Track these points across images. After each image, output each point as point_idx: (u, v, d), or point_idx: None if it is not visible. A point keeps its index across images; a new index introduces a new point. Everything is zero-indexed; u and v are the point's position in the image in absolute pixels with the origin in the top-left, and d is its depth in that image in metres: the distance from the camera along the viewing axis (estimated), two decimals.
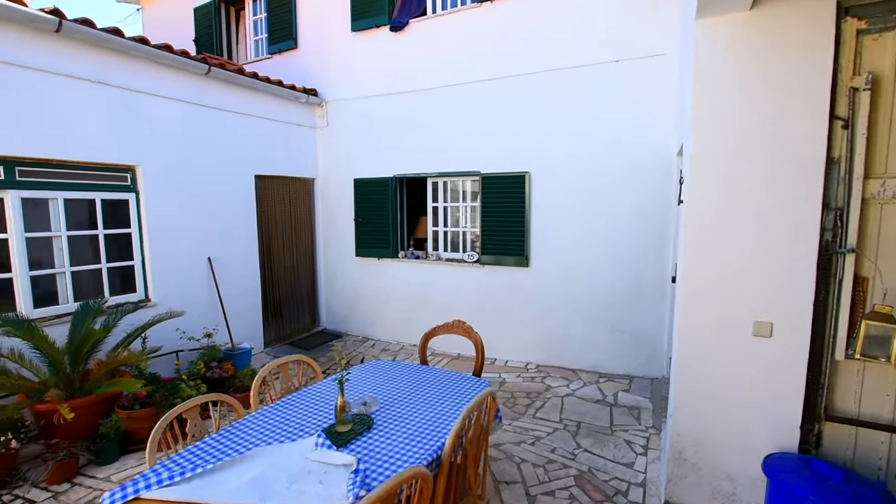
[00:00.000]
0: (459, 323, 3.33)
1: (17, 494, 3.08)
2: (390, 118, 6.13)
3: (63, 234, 4.09)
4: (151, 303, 4.69)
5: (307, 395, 2.63)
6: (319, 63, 6.59)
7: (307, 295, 6.88)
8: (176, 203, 4.87)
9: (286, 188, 6.38)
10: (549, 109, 5.14)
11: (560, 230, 5.21)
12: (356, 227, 6.55)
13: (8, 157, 3.69)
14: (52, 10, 3.72)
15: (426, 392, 2.68)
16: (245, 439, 2.12)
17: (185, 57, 4.71)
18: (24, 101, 3.70)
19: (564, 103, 5.06)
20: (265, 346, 6.11)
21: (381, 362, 3.25)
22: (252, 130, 5.71)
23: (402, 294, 6.31)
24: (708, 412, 2.70)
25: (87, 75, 4.05)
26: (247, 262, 5.77)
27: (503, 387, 4.85)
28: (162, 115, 4.68)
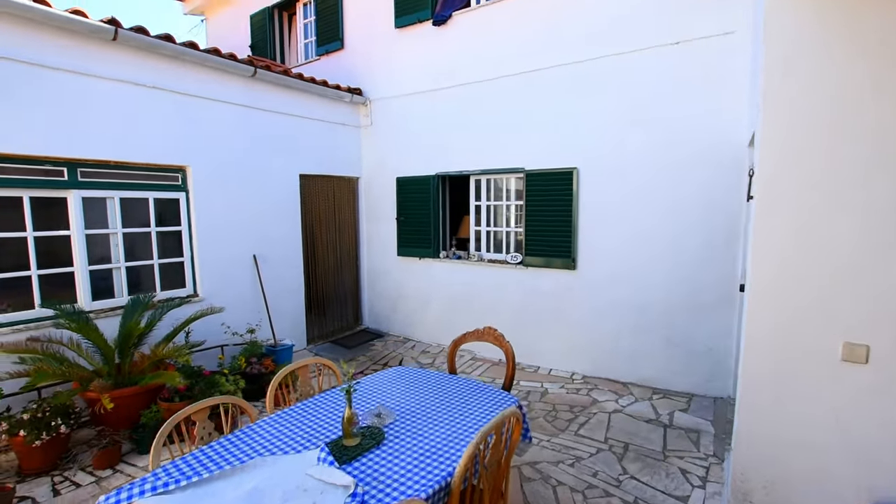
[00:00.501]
0: (490, 330, 3.09)
1: (66, 476, 3.26)
2: (432, 115, 5.98)
3: (119, 231, 4.33)
4: (199, 298, 4.86)
5: (323, 402, 2.52)
6: (364, 62, 6.59)
7: (350, 293, 6.91)
8: (223, 202, 5.02)
9: (330, 187, 6.44)
10: (600, 100, 4.74)
11: (610, 230, 4.79)
12: (398, 227, 6.47)
13: (72, 160, 3.95)
14: (110, 19, 3.92)
15: (448, 405, 2.48)
16: (251, 446, 2.04)
17: (233, 60, 4.84)
18: (86, 106, 3.93)
19: (616, 93, 4.64)
20: (308, 343, 6.19)
21: (406, 369, 3.09)
22: (297, 131, 5.80)
23: (443, 295, 6.15)
24: (781, 449, 2.27)
25: (142, 80, 4.25)
26: (291, 260, 5.87)
27: (544, 398, 4.53)
28: (211, 117, 4.84)
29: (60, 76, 3.76)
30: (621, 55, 4.58)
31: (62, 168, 3.92)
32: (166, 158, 4.54)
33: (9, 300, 3.82)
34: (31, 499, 3.02)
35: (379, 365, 5.60)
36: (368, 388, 2.73)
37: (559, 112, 4.98)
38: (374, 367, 5.54)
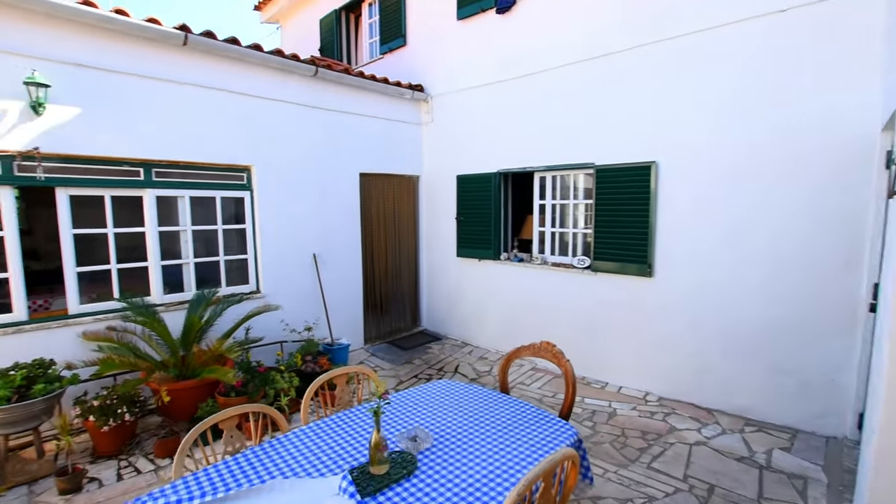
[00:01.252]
0: (547, 346, 2.73)
1: (130, 462, 3.41)
2: (495, 109, 5.66)
3: (188, 228, 4.52)
4: (261, 294, 4.97)
5: (357, 416, 2.33)
6: (426, 58, 6.43)
7: (409, 294, 6.80)
8: (285, 200, 5.10)
9: (390, 186, 6.36)
10: (684, 85, 4.13)
11: (696, 233, 4.17)
12: (457, 227, 6.24)
13: (147, 160, 4.17)
14: (181, 26, 4.08)
15: (495, 432, 2.17)
16: (274, 462, 1.89)
17: (295, 60, 4.89)
18: (159, 109, 4.13)
19: (706, 74, 4.01)
20: (365, 343, 6.16)
21: (453, 383, 2.83)
22: (358, 129, 5.77)
23: (503, 299, 5.81)
24: None
25: (210, 83, 4.40)
26: (350, 259, 5.86)
27: (613, 420, 4.04)
28: (274, 117, 4.93)
29: (136, 81, 3.98)
30: (711, 30, 3.94)
31: (139, 168, 4.15)
32: (232, 158, 4.68)
33: (93, 291, 4.12)
34: (98, 480, 3.19)
35: (434, 370, 5.40)
36: (409, 403, 2.51)
37: (635, 100, 4.44)
38: (428, 371, 5.36)
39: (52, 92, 3.54)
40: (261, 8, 9.36)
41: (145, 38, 3.95)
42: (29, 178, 3.59)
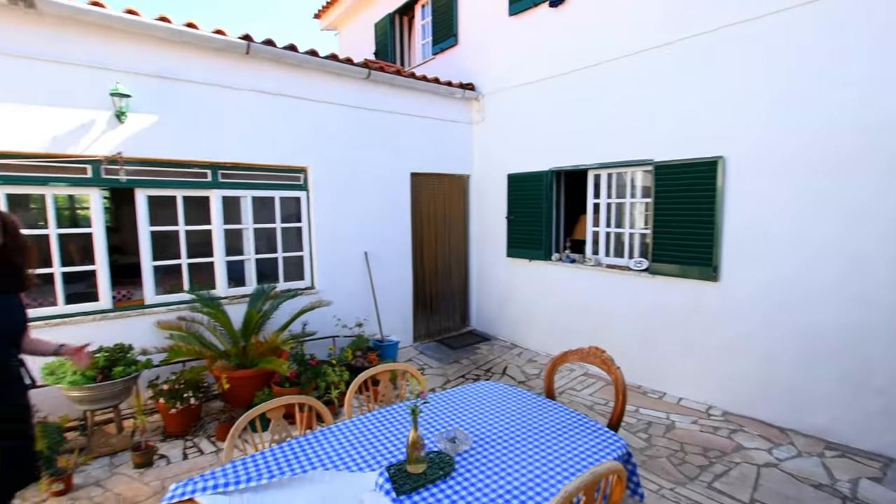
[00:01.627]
0: (597, 351, 2.59)
1: (195, 443, 3.67)
2: (547, 105, 5.51)
3: (250, 226, 4.80)
4: (315, 290, 5.17)
5: (398, 414, 2.34)
6: (477, 56, 6.39)
7: (458, 294, 6.80)
8: (339, 200, 5.27)
9: (441, 185, 6.38)
10: (754, 72, 3.78)
11: (767, 234, 3.80)
12: (508, 226, 6.14)
13: (214, 163, 4.47)
14: (244, 35, 4.33)
15: (538, 438, 2.10)
16: (316, 453, 1.94)
17: (349, 63, 5.03)
18: (224, 115, 4.42)
19: (778, 61, 3.64)
20: (414, 341, 6.23)
21: (497, 385, 2.77)
22: (409, 129, 5.85)
23: (554, 301, 5.64)
24: None
25: (269, 89, 4.64)
26: (400, 258, 5.95)
27: (670, 433, 3.79)
28: (329, 119, 5.10)
29: (204, 89, 4.27)
30: (784, 11, 3.57)
31: (206, 170, 4.46)
32: (289, 160, 4.90)
33: (166, 284, 4.48)
34: (167, 458, 3.45)
35: (482, 370, 5.35)
36: (451, 403, 2.48)
37: (700, 92, 4.12)
38: (476, 371, 5.32)
39: (133, 102, 3.89)
40: (320, 16, 9.77)
41: (212, 49, 4.24)
42: (113, 180, 3.96)
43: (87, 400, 3.43)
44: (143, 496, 3.02)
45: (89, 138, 3.78)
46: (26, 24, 3.49)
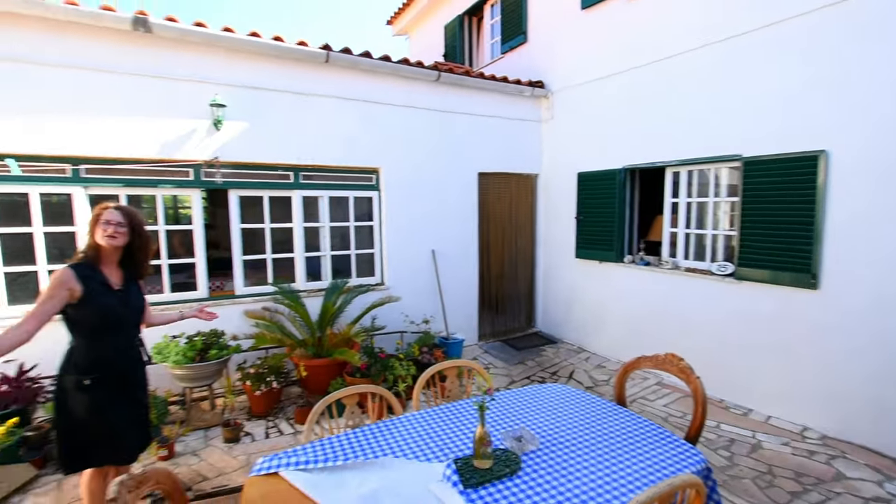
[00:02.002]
0: (673, 358, 2.45)
1: (275, 424, 3.97)
2: (621, 100, 5.27)
3: (326, 224, 5.09)
4: (385, 286, 5.38)
5: (464, 409, 2.38)
6: (547, 52, 6.27)
7: (524, 294, 6.72)
8: (408, 199, 5.44)
9: (508, 185, 6.35)
10: (863, 52, 3.34)
11: (879, 238, 3.36)
12: (577, 227, 5.96)
13: (296, 165, 4.81)
14: (323, 45, 4.61)
15: (607, 445, 2.03)
16: (387, 441, 2.03)
17: (419, 67, 5.17)
18: (305, 120, 4.73)
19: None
20: (478, 340, 6.26)
21: (565, 388, 2.72)
22: (478, 129, 5.88)
23: (626, 305, 5.39)
24: None
25: (346, 94, 4.90)
26: (466, 257, 6.01)
27: (756, 453, 3.48)
28: (400, 121, 5.28)
29: (287, 97, 4.61)
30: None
31: (289, 172, 4.81)
32: (363, 161, 5.14)
33: (253, 277, 4.89)
34: (252, 435, 3.78)
35: (547, 373, 5.26)
36: (517, 402, 2.48)
37: (796, 79, 3.73)
38: (541, 373, 5.23)
39: (227, 111, 4.29)
40: (392, 22, 10.11)
41: (295, 59, 4.56)
42: (211, 182, 4.40)
43: (187, 378, 3.85)
44: (232, 468, 3.33)
45: (191, 145, 4.23)
46: (141, 47, 3.98)
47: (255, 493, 1.68)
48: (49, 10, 3.52)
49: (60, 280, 2.05)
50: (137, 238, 2.28)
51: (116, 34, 3.85)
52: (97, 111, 3.88)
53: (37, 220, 3.87)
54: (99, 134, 3.90)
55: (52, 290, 2.03)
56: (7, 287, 3.84)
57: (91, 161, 3.97)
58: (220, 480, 3.17)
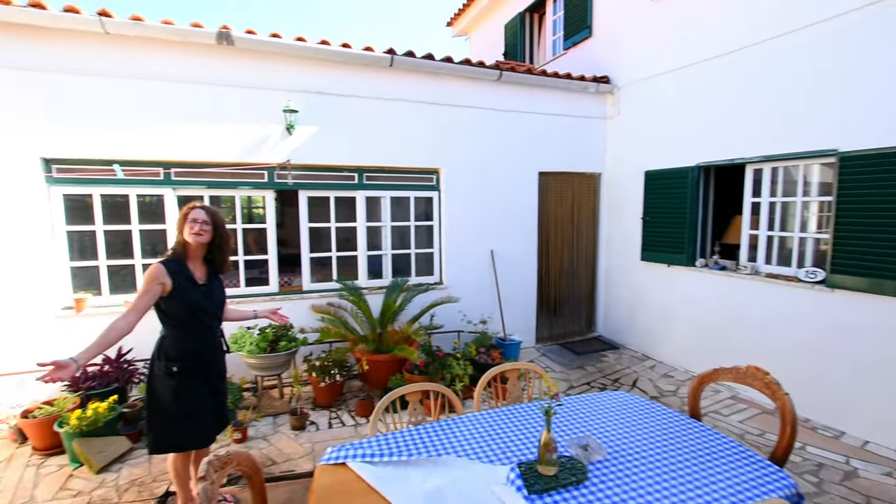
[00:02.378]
0: (756, 371, 2.26)
1: (337, 414, 4.14)
2: (695, 93, 4.95)
3: (388, 224, 5.23)
4: (443, 286, 5.43)
5: (527, 413, 2.34)
6: (613, 46, 6.03)
7: (584, 297, 6.51)
8: (467, 199, 5.45)
9: (570, 184, 6.18)
10: None
11: None
12: (643, 227, 5.68)
13: (360, 167, 4.98)
14: (388, 49, 4.73)
15: (682, 461, 1.92)
16: (449, 439, 2.05)
17: (481, 67, 5.16)
18: (369, 122, 4.88)
19: None
20: (536, 342, 6.15)
21: (632, 397, 2.60)
22: (538, 128, 5.77)
23: (697, 312, 5.06)
24: None
25: (408, 96, 5.00)
26: (525, 258, 5.92)
27: (850, 481, 3.13)
28: (460, 121, 5.31)
29: (352, 101, 4.78)
30: None
31: (354, 174, 4.98)
32: (424, 162, 5.22)
33: (318, 273, 5.12)
34: (316, 424, 3.96)
35: (608, 380, 5.06)
36: (580, 409, 2.40)
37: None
38: (602, 380, 5.04)
39: (299, 116, 4.53)
40: (452, 23, 10.17)
41: (361, 64, 4.72)
42: (282, 183, 4.66)
43: (259, 367, 4.11)
44: (298, 455, 3.51)
45: (267, 148, 4.51)
46: (223, 59, 4.30)
47: (326, 481, 1.75)
48: (148, 30, 3.89)
49: (154, 275, 2.26)
50: (219, 236, 2.47)
51: (202, 48, 4.19)
52: (185, 119, 4.25)
53: (134, 219, 4.30)
54: (187, 140, 4.27)
55: (148, 284, 2.24)
56: (110, 279, 4.31)
57: (180, 165, 4.35)
58: (287, 465, 3.35)
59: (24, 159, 3.87)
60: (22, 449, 3.53)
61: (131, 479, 3.18)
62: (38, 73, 3.83)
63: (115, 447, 3.41)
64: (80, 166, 4.10)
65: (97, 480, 3.16)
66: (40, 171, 3.97)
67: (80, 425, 3.27)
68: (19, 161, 3.86)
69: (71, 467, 3.29)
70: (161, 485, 3.10)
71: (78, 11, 3.72)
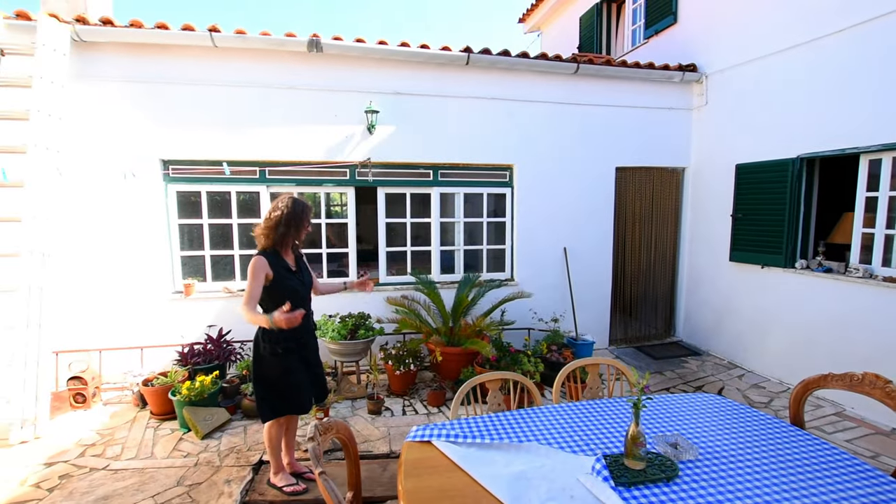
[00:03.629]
0: (876, 379, 2.03)
1: (410, 403, 4.28)
2: (797, 78, 4.50)
3: (461, 220, 5.32)
4: (514, 282, 5.42)
5: (610, 408, 2.29)
6: (701, 31, 5.65)
7: (663, 299, 6.17)
8: (540, 195, 5.40)
9: (649, 179, 5.89)
10: None
11: None
12: (733, 225, 5.27)
13: (436, 164, 5.11)
14: (465, 48, 4.81)
15: (788, 471, 1.77)
16: (529, 427, 2.06)
17: (557, 60, 5.08)
18: (445, 120, 5.00)
19: None
20: (609, 344, 5.93)
21: (723, 400, 2.44)
22: (617, 121, 5.57)
23: (796, 319, 4.60)
24: None
25: (483, 94, 5.05)
26: (599, 256, 5.74)
27: None
28: (534, 117, 5.27)
29: (428, 100, 4.93)
30: None
31: (429, 171, 5.13)
32: (498, 158, 5.24)
33: (393, 267, 5.33)
34: (391, 410, 4.13)
35: (690, 387, 4.76)
36: (665, 409, 2.30)
37: None
38: (683, 387, 4.76)
39: (379, 116, 4.74)
40: (524, 20, 10.08)
41: (437, 64, 4.84)
42: (363, 180, 4.91)
43: (339, 353, 4.36)
44: (375, 437, 3.69)
45: (349, 148, 4.78)
46: (311, 65, 4.62)
47: (413, 455, 1.84)
48: (249, 42, 4.29)
49: (259, 267, 2.49)
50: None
51: (293, 55, 4.54)
52: (278, 121, 4.63)
53: (234, 214, 4.75)
54: (279, 141, 4.65)
55: (256, 276, 2.47)
56: (212, 267, 4.80)
57: (273, 164, 4.74)
58: (364, 446, 3.54)
59: (148, 161, 4.44)
60: (142, 412, 4.05)
61: (230, 446, 3.53)
62: (160, 84, 4.37)
63: (217, 417, 3.80)
64: (190, 166, 4.62)
65: (202, 445, 3.54)
66: (159, 170, 4.52)
67: (189, 395, 3.69)
68: (145, 163, 4.42)
69: (181, 431, 3.72)
70: (256, 453, 3.41)
71: (193, 29, 4.19)
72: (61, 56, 3.95)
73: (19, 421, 3.48)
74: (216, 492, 2.95)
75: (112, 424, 3.85)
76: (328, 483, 1.36)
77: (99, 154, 4.32)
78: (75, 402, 4.06)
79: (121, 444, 3.54)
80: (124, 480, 3.08)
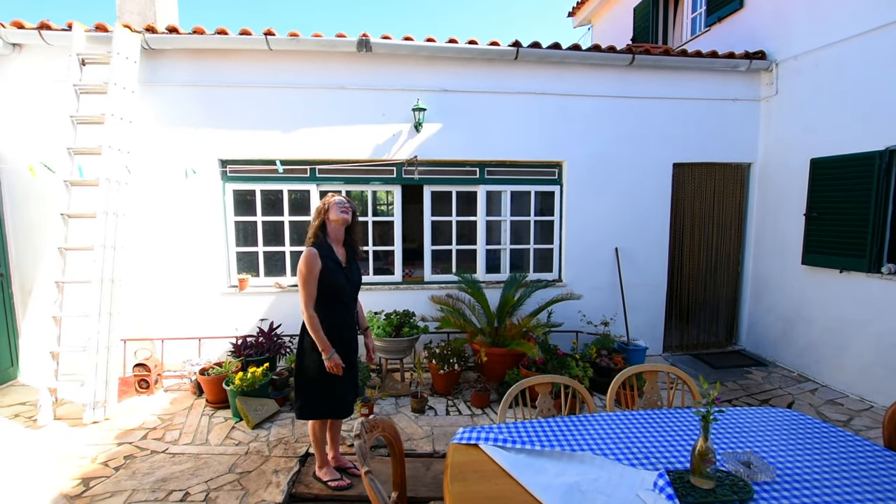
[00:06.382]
0: None
1: (454, 403, 4.23)
2: (886, 62, 4.04)
3: (507, 218, 5.21)
4: (562, 283, 5.24)
5: (671, 419, 2.12)
6: (771, 15, 5.21)
7: (725, 304, 5.76)
8: (591, 193, 5.19)
9: (710, 176, 5.51)
10: None
11: None
12: (807, 225, 4.82)
13: (482, 161, 5.04)
14: (514, 42, 4.70)
15: (873, 496, 1.56)
16: (582, 436, 1.94)
17: (611, 52, 4.86)
18: (492, 117, 4.91)
19: None
20: (663, 351, 5.61)
21: (802, 416, 2.20)
22: (674, 115, 5.25)
23: (882, 330, 4.14)
24: None
25: (531, 89, 4.91)
26: (654, 257, 5.44)
27: None
28: (584, 112, 5.07)
29: (476, 97, 4.86)
30: None
31: (475, 168, 5.06)
32: (547, 155, 5.09)
33: (438, 266, 5.30)
34: (434, 409, 4.09)
35: (755, 400, 4.40)
36: (732, 424, 2.10)
37: None
38: (747, 399, 4.41)
39: (426, 114, 4.73)
40: (574, 13, 9.78)
41: (485, 60, 4.76)
42: (409, 178, 4.92)
43: (384, 350, 4.38)
44: (418, 436, 3.66)
45: (396, 146, 4.80)
46: (359, 64, 4.67)
47: (460, 458, 1.78)
48: (302, 44, 4.40)
49: (312, 258, 2.50)
50: (354, 216, 2.70)
51: (343, 56, 4.61)
52: (327, 121, 4.72)
53: (286, 211, 4.90)
54: (329, 140, 4.74)
55: (310, 270, 2.48)
56: (265, 262, 4.97)
57: (322, 163, 4.84)
58: (408, 445, 3.51)
59: (208, 161, 4.66)
60: (199, 400, 4.25)
61: (279, 437, 3.62)
62: (219, 88, 4.58)
63: (267, 408, 3.91)
64: (245, 166, 4.80)
65: (252, 434, 3.66)
66: (217, 170, 4.73)
67: (241, 385, 3.82)
68: (204, 162, 4.64)
69: (233, 420, 3.86)
70: (302, 445, 3.47)
71: (250, 33, 4.35)
72: (132, 63, 4.22)
73: (91, 402, 3.74)
74: (265, 481, 3.02)
75: (172, 410, 4.07)
76: (374, 483, 1.33)
77: (163, 155, 4.58)
78: (139, 388, 4.33)
79: (179, 430, 3.72)
80: (181, 464, 3.23)
